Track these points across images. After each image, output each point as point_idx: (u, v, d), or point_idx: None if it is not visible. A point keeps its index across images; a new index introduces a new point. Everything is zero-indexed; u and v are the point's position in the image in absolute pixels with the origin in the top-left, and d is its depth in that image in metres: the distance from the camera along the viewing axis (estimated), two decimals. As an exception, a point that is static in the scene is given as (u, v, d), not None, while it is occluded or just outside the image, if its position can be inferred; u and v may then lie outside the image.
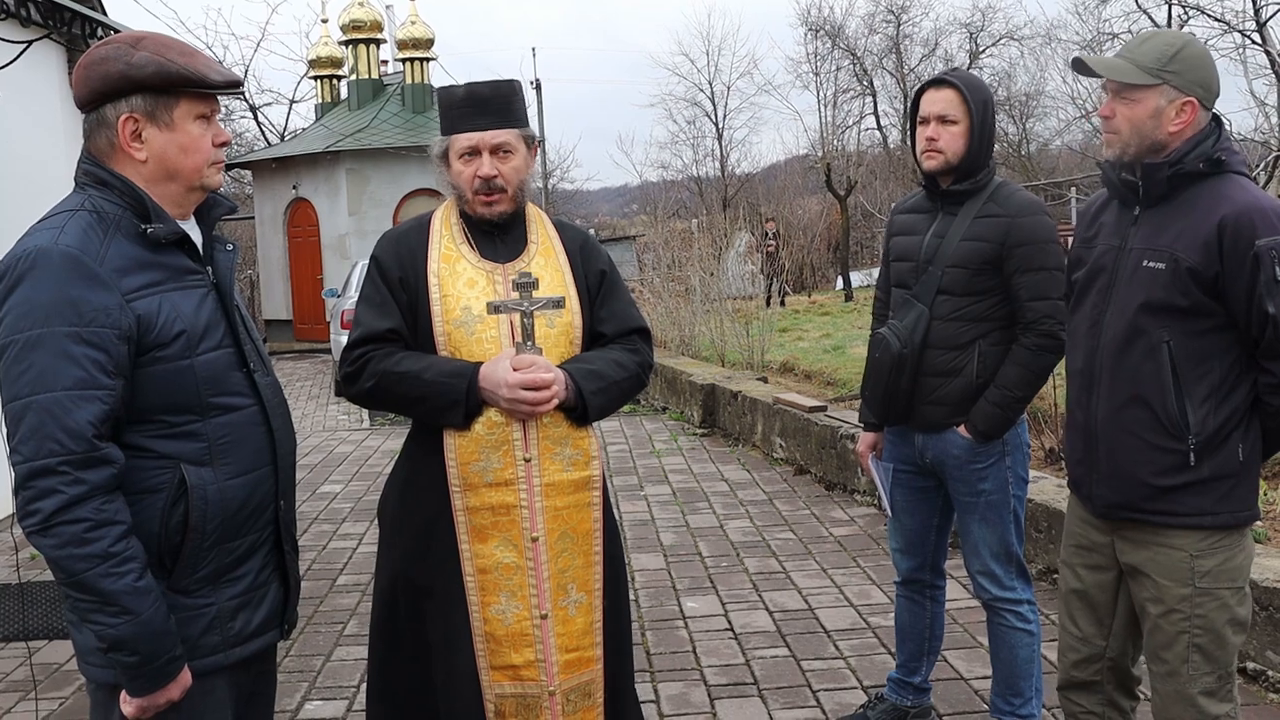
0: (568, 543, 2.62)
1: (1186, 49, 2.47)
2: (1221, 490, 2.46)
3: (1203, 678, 2.49)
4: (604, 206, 49.50)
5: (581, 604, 2.63)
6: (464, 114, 2.62)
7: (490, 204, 2.63)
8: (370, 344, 2.60)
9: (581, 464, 2.63)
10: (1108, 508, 2.59)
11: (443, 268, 2.63)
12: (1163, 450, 2.46)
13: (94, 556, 1.85)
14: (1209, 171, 2.44)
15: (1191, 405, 2.43)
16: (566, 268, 2.71)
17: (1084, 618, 2.72)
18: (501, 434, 2.56)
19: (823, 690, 4.03)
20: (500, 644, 2.58)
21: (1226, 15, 11.32)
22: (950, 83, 3.20)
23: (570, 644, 2.61)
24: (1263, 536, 4.73)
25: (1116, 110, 2.48)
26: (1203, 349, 2.43)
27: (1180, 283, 2.41)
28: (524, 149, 2.66)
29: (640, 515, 6.64)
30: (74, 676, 4.33)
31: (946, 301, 3.21)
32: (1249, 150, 13.23)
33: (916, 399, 3.27)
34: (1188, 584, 2.48)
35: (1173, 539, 2.49)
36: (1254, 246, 2.34)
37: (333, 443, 9.90)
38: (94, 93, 2.01)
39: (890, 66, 30.97)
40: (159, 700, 1.96)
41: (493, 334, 2.59)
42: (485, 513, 2.58)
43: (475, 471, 2.56)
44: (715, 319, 12.67)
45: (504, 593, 2.57)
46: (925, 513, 3.46)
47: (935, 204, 3.30)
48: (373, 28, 22.00)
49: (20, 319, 1.88)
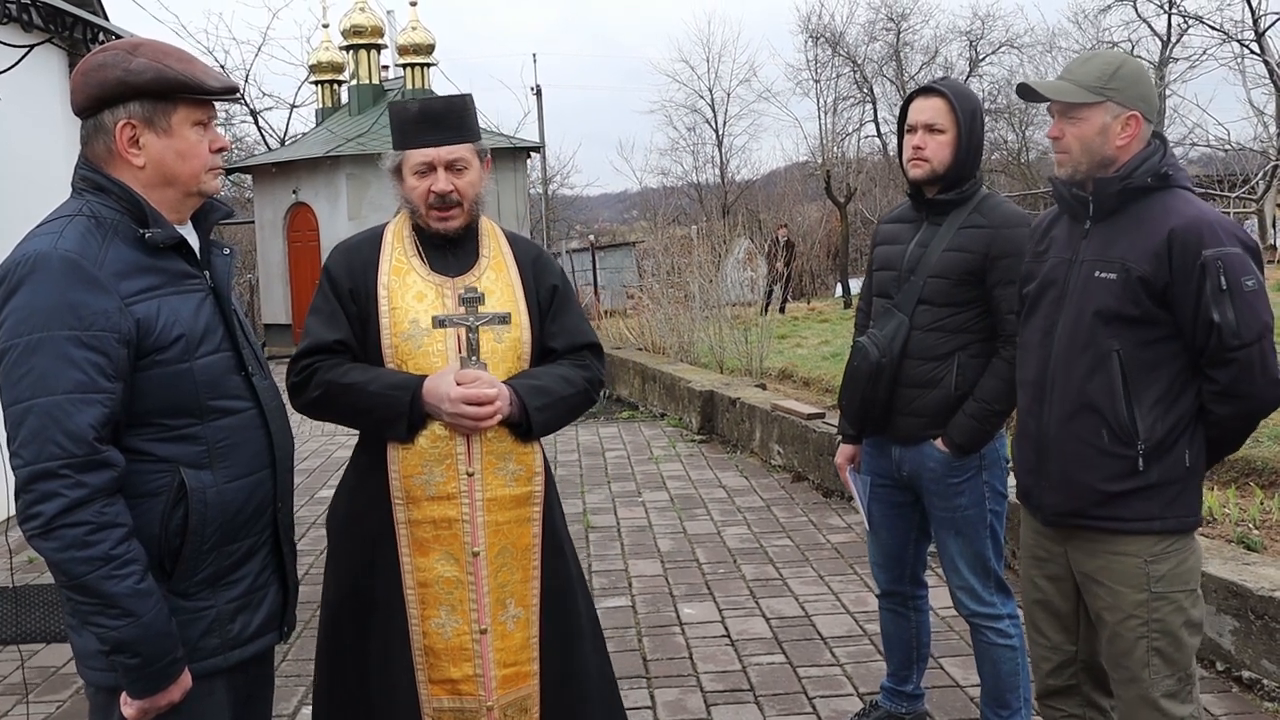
0: (507, 557, 2.61)
1: (1125, 66, 2.56)
2: (1169, 495, 2.52)
3: (1164, 680, 2.53)
4: (604, 212, 49.48)
5: (519, 619, 2.63)
6: (418, 129, 2.61)
7: (445, 219, 2.63)
8: (318, 354, 2.60)
9: (524, 479, 2.63)
10: (1057, 515, 2.63)
11: (393, 280, 2.63)
12: (1112, 456, 2.52)
13: (95, 559, 1.86)
14: (1156, 186, 2.52)
15: (1140, 412, 2.49)
16: (517, 282, 2.71)
17: (1050, 626, 2.76)
18: (445, 448, 2.55)
19: (819, 697, 4.03)
20: (439, 658, 2.58)
21: (1225, 25, 11.34)
22: (939, 91, 3.19)
23: (508, 659, 2.61)
24: (1259, 546, 4.74)
25: (1065, 130, 2.56)
26: (1151, 358, 2.50)
27: (1131, 292, 2.47)
28: (478, 163, 2.67)
29: (638, 521, 6.65)
30: (70, 680, 4.33)
31: (927, 311, 3.19)
32: (1248, 159, 13.25)
33: (894, 410, 3.25)
34: (1143, 589, 2.52)
35: (1124, 545, 2.54)
36: (1201, 256, 2.41)
37: (331, 447, 9.91)
38: (92, 99, 2.01)
39: (890, 74, 31.06)
40: (160, 702, 1.97)
41: (439, 348, 2.59)
42: (427, 526, 2.57)
43: (418, 485, 2.56)
44: (714, 325, 12.67)
45: (444, 606, 2.57)
46: (903, 528, 3.45)
47: (920, 213, 3.29)
48: (373, 33, 22.03)
49: (20, 323, 1.89)
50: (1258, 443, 6.25)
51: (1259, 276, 2.47)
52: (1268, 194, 11.73)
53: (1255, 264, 2.47)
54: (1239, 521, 5.19)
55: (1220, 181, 13.98)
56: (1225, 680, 3.94)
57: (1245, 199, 12.21)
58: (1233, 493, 5.76)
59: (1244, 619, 3.85)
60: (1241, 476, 6.11)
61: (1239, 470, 6.15)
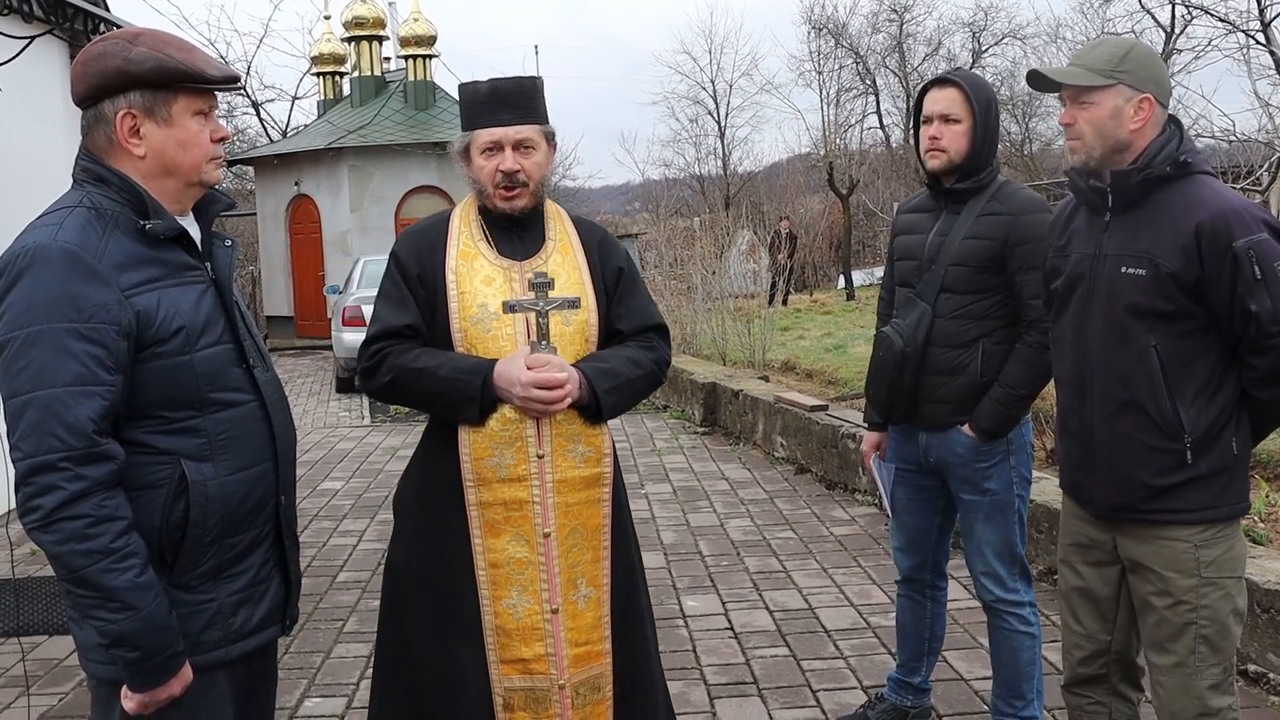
0: (578, 538, 2.64)
1: (1135, 49, 2.54)
2: (1219, 484, 2.51)
3: (1209, 669, 2.52)
4: (606, 204, 49.38)
5: (590, 599, 2.66)
6: (487, 109, 2.63)
7: (511, 199, 2.64)
8: (387, 339, 2.62)
9: (594, 461, 2.65)
10: (1109, 510, 2.62)
11: (460, 264, 2.65)
12: (1160, 451, 2.50)
13: (95, 552, 1.85)
14: (1176, 174, 2.48)
15: (1183, 405, 2.47)
16: (584, 265, 2.72)
17: (1087, 614, 2.74)
18: (515, 430, 2.57)
19: (822, 690, 4.03)
20: (511, 637, 2.60)
21: (1230, 15, 11.26)
22: (953, 82, 3.21)
23: (580, 638, 2.63)
24: (1264, 539, 4.72)
25: (1077, 116, 2.52)
26: (1189, 350, 2.47)
27: (1163, 288, 2.45)
28: (545, 145, 2.68)
29: (641, 514, 6.63)
30: (72, 673, 4.33)
31: (949, 300, 3.21)
32: (1252, 152, 13.20)
33: (920, 397, 3.27)
34: (1193, 574, 2.51)
35: (1175, 532, 2.53)
36: (1231, 248, 2.38)
37: (333, 439, 9.91)
38: (92, 89, 2.00)
39: (893, 65, 30.93)
40: (160, 696, 1.96)
41: (509, 332, 2.61)
42: (498, 508, 2.60)
43: (489, 467, 2.58)
44: (717, 317, 12.66)
45: (515, 587, 2.60)
46: (927, 512, 3.46)
47: (939, 203, 3.31)
48: (375, 24, 22.01)
49: (20, 315, 1.88)
50: (1263, 435, 6.22)
51: None
52: (1273, 185, 11.68)
53: None
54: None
55: (1225, 173, 13.95)
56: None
57: (1250, 190, 12.17)
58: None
59: (1250, 612, 3.83)
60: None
61: (1244, 463, 6.13)
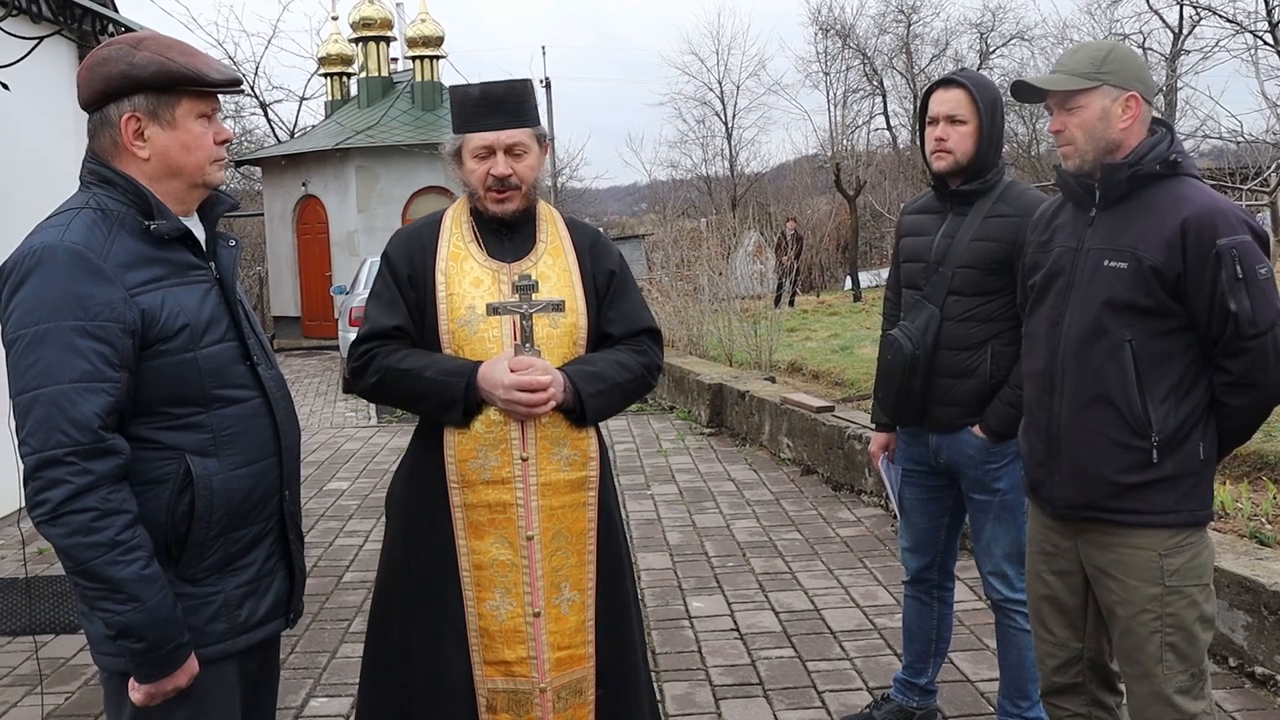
0: (562, 541, 2.64)
1: (1116, 50, 2.55)
2: (1184, 488, 2.50)
3: (1177, 676, 2.51)
4: (613, 205, 49.46)
5: (574, 602, 2.65)
6: (478, 113, 2.64)
7: (502, 201, 2.66)
8: (376, 340, 2.64)
9: (579, 464, 2.64)
10: (1069, 508, 2.61)
11: (450, 266, 2.66)
12: (1126, 448, 2.49)
13: (101, 545, 1.88)
14: (1165, 173, 2.49)
15: (1153, 403, 2.47)
16: (574, 267, 2.72)
17: (1056, 622, 2.74)
18: (499, 433, 2.58)
19: (828, 691, 4.02)
20: (493, 639, 2.61)
21: (1238, 16, 11.25)
22: (959, 83, 3.20)
23: (562, 642, 2.63)
24: (1272, 540, 4.71)
25: (1066, 122, 2.53)
26: (1164, 349, 2.48)
27: (1143, 282, 2.45)
28: (537, 147, 2.69)
29: (647, 514, 6.64)
30: (81, 671, 4.35)
31: (957, 302, 3.20)
32: (1260, 152, 13.17)
33: (930, 400, 3.27)
34: (1157, 583, 2.50)
35: (1138, 539, 2.52)
36: (1215, 246, 2.39)
37: (340, 439, 9.93)
38: (97, 93, 2.04)
39: (900, 66, 30.96)
40: (166, 687, 1.99)
41: (495, 334, 2.61)
42: (482, 510, 2.60)
43: (473, 469, 2.59)
44: (723, 318, 12.66)
45: (499, 589, 2.60)
46: (935, 512, 3.46)
47: (945, 204, 3.30)
48: (383, 25, 22.05)
49: (27, 314, 1.91)
50: (1270, 437, 6.21)
51: (1269, 264, 2.45)
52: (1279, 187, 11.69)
53: (1264, 252, 2.46)
54: (1251, 516, 5.16)
55: (1233, 174, 13.91)
56: (1238, 676, 3.91)
57: (1257, 191, 12.14)
58: (1245, 487, 5.73)
59: (1257, 614, 3.83)
60: (1254, 471, 6.07)
61: (1251, 465, 6.11)
